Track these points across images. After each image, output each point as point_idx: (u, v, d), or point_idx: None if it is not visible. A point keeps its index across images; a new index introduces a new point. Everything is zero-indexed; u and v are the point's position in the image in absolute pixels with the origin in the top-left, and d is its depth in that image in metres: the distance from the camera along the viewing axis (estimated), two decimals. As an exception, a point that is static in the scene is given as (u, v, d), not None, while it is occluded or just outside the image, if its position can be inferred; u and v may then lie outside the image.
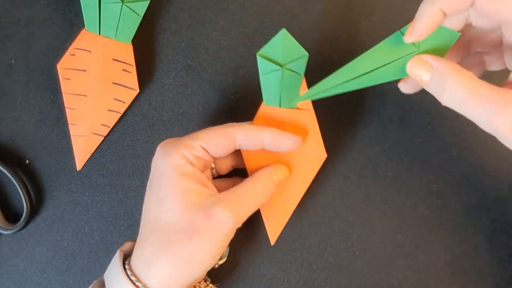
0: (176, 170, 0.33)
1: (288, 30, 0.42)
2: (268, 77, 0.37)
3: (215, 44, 0.43)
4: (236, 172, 0.40)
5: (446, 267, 0.41)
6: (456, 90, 0.29)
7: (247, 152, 0.38)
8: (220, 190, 0.35)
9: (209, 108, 0.43)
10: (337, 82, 0.35)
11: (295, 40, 0.36)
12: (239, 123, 0.35)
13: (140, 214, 0.42)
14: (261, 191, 0.35)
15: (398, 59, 0.34)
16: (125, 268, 0.34)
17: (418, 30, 0.31)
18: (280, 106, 0.38)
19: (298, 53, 0.36)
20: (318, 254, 0.42)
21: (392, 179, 0.42)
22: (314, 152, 0.38)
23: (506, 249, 0.41)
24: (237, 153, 0.39)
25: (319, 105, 0.38)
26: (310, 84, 0.43)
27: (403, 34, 0.33)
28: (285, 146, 0.35)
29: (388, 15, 0.42)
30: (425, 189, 0.41)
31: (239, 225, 0.33)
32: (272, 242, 0.40)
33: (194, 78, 0.43)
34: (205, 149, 0.34)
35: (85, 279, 0.42)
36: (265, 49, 0.36)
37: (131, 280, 0.33)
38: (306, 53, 0.36)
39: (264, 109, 0.38)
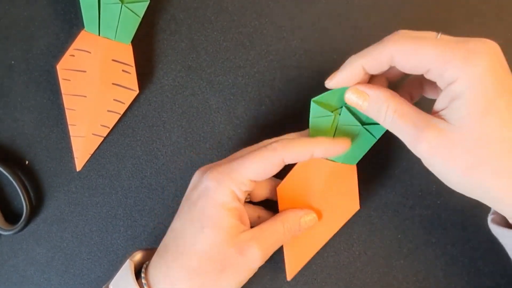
0: (222, 206, 0.33)
1: (288, 31, 0.43)
2: (319, 121, 0.36)
3: (215, 44, 0.43)
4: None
5: (445, 267, 0.41)
6: (389, 113, 0.31)
7: (282, 189, 0.38)
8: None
9: (209, 109, 0.43)
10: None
11: None
12: (283, 142, 0.35)
13: (139, 215, 0.43)
14: (287, 233, 0.36)
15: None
16: (138, 281, 0.34)
17: (338, 79, 0.33)
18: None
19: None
20: (318, 254, 0.42)
21: (391, 179, 0.42)
22: (348, 203, 0.39)
23: (506, 249, 0.41)
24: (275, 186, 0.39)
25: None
26: (311, 84, 0.43)
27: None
28: (335, 153, 0.36)
29: (386, 15, 0.42)
30: (425, 189, 0.41)
31: (263, 262, 0.34)
32: (289, 278, 0.40)
33: (193, 79, 0.43)
34: (253, 181, 0.35)
35: (84, 280, 0.42)
36: (321, 96, 0.36)
37: None
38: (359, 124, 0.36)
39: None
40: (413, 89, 0.36)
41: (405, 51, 0.30)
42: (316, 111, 0.36)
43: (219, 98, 0.43)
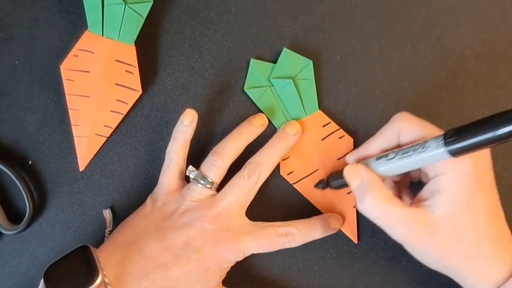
0: None
1: (290, 31, 0.43)
2: (285, 91, 0.41)
3: (218, 45, 0.43)
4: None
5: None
6: (372, 207, 0.33)
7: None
8: None
9: (212, 109, 0.43)
10: None
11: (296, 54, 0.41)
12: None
13: (142, 215, 0.42)
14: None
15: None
16: None
17: (358, 155, 0.36)
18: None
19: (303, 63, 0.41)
20: (320, 255, 0.42)
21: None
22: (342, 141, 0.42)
23: (509, 251, 0.40)
24: None
25: (329, 105, 0.38)
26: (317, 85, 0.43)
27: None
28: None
29: (389, 16, 0.42)
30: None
31: None
32: (356, 240, 0.41)
33: (196, 79, 0.43)
34: None
35: (87, 280, 0.42)
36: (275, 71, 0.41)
37: None
38: (310, 61, 0.40)
39: None
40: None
41: (410, 128, 0.33)
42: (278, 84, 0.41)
43: (222, 99, 0.43)
